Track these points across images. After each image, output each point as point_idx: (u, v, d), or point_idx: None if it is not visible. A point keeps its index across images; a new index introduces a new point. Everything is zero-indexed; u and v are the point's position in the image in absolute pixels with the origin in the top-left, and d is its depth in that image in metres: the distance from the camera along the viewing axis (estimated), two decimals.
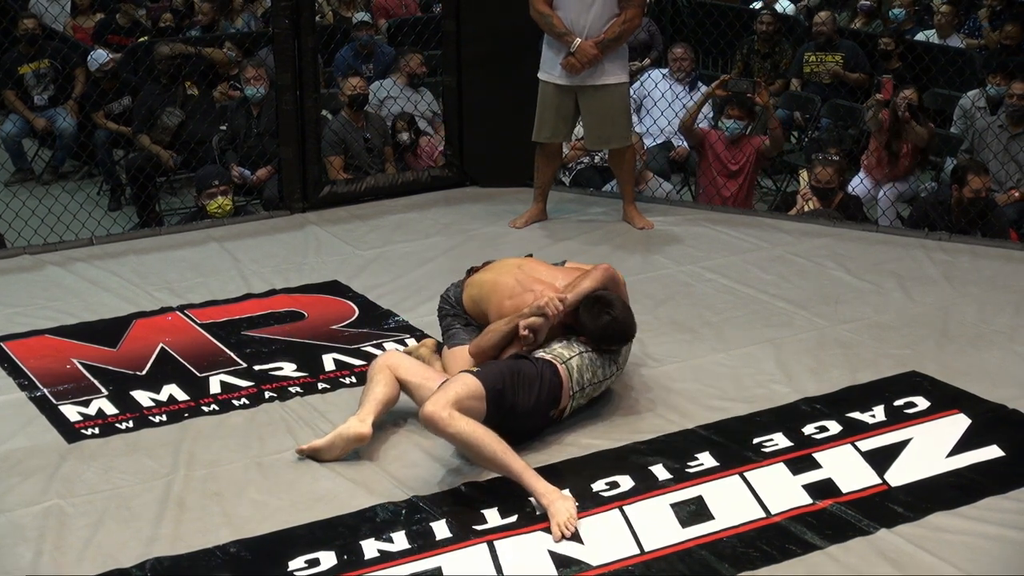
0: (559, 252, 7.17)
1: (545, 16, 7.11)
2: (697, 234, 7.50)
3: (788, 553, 4.11)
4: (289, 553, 4.18)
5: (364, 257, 7.18)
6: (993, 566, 4.02)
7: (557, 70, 7.20)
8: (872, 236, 7.40)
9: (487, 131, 8.39)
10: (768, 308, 6.28)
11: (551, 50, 7.22)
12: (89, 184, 10.17)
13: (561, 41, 7.10)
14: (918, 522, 4.29)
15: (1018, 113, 8.50)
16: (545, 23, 7.12)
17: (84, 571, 4.10)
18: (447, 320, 5.45)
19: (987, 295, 6.40)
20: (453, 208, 8.09)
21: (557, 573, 4.04)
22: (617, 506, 4.39)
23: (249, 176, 8.74)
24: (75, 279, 6.90)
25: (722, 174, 8.51)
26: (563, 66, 7.12)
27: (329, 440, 4.78)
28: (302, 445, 4.83)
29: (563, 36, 7.07)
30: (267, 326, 6.15)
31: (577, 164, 9.25)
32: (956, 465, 4.67)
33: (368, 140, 8.85)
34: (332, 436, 4.78)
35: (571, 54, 7.06)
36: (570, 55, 7.07)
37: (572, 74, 7.14)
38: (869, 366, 5.55)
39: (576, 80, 7.18)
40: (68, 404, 5.32)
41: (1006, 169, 8.36)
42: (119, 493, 4.61)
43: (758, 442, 4.84)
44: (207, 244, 7.47)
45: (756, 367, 5.51)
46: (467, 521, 4.34)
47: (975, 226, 7.43)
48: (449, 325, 5.42)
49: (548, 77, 7.29)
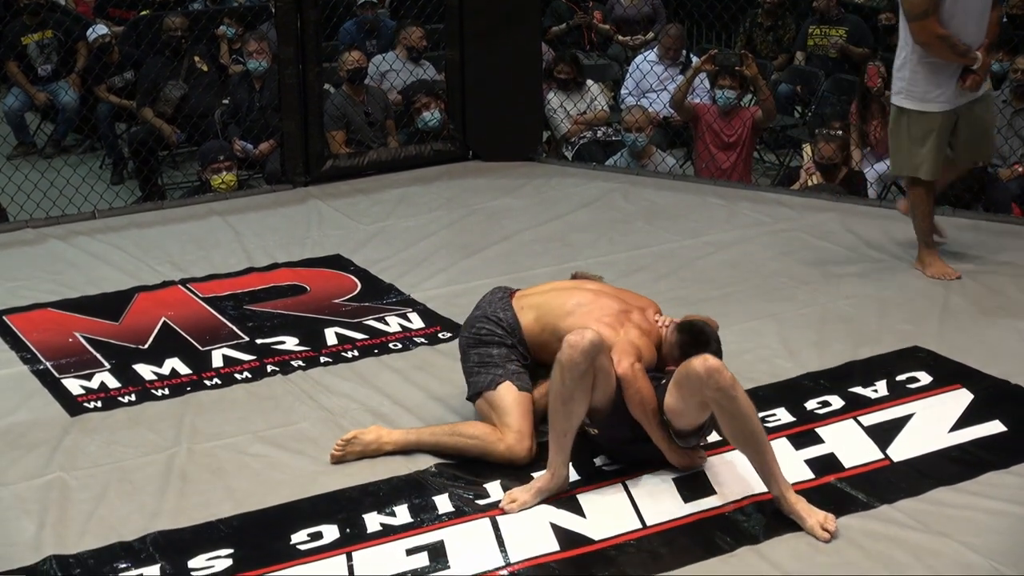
0: (562, 227, 7.18)
1: (947, 39, 6.03)
2: (699, 208, 7.50)
3: (790, 527, 4.11)
4: (292, 526, 4.18)
5: (366, 231, 7.18)
6: (995, 541, 4.02)
7: (946, 94, 6.16)
8: (875, 211, 7.39)
9: (490, 105, 8.37)
10: (770, 283, 6.28)
11: (935, 75, 6.15)
12: (91, 158, 10.16)
13: (963, 60, 6.09)
14: (920, 497, 4.29)
15: (1022, 88, 8.47)
16: (948, 45, 6.03)
17: (86, 544, 4.11)
18: (501, 352, 4.66)
19: (990, 270, 6.40)
20: (455, 182, 8.09)
21: (559, 547, 4.04)
22: (620, 481, 4.39)
23: (251, 150, 8.73)
24: (77, 253, 6.90)
25: (718, 146, 8.51)
26: (966, 87, 6.12)
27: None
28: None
29: (966, 54, 6.07)
30: (269, 300, 6.15)
31: (580, 139, 9.24)
32: (958, 440, 4.67)
33: (369, 114, 8.83)
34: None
35: (972, 71, 6.11)
36: (971, 72, 6.11)
37: (974, 92, 6.18)
38: (871, 341, 5.54)
39: (963, 99, 6.21)
40: (70, 377, 5.33)
41: (1009, 144, 8.33)
42: (121, 466, 4.61)
43: (760, 417, 4.81)
44: (209, 218, 7.47)
45: (758, 342, 5.51)
46: (470, 496, 4.34)
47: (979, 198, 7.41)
48: (513, 367, 4.64)
49: (934, 106, 6.17)
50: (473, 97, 8.42)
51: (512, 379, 4.59)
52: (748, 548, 4.02)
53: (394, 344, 5.64)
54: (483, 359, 4.67)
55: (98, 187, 8.36)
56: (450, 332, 5.71)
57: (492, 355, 4.66)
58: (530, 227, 7.19)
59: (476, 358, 4.70)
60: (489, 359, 4.65)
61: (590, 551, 4.04)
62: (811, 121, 9.83)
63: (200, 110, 9.04)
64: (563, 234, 7.07)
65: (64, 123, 10.44)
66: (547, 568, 3.94)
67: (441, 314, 5.93)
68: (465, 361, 4.76)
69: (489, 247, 6.89)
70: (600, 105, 9.49)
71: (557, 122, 9.27)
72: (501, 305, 4.77)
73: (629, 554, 4.02)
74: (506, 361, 4.63)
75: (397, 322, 5.86)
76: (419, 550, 4.05)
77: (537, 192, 7.88)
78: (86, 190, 8.01)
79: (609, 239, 6.94)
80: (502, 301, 4.79)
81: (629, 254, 6.63)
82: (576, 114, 9.30)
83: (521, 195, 7.82)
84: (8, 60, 10.33)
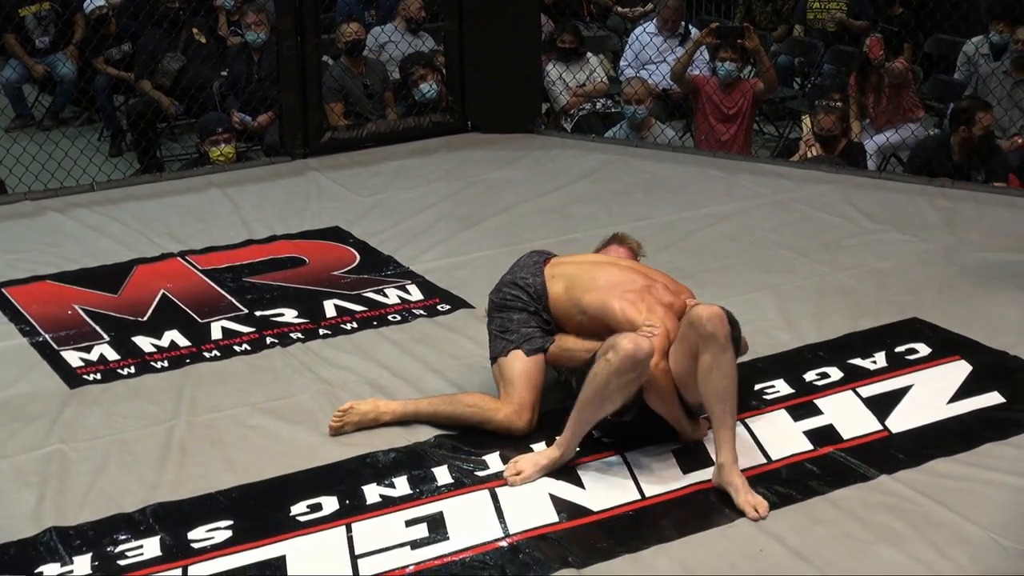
0: (561, 199, 7.18)
1: None
2: (698, 180, 7.49)
3: (788, 499, 4.12)
4: (291, 498, 4.19)
5: (365, 203, 7.17)
6: (993, 512, 4.03)
7: None
8: (874, 183, 7.39)
9: (489, 77, 8.36)
10: (769, 255, 6.28)
11: None
12: (89, 130, 10.15)
13: None
14: (918, 468, 4.29)
15: (1022, 59, 8.45)
16: None
17: (86, 516, 4.11)
18: (522, 317, 4.64)
19: (989, 241, 6.39)
20: (454, 154, 8.08)
21: (558, 518, 4.05)
22: (619, 453, 4.39)
23: (250, 122, 8.71)
24: (76, 225, 6.90)
25: (718, 118, 8.50)
26: None
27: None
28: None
29: None
30: (268, 272, 6.15)
31: (579, 111, 9.22)
32: (957, 411, 4.67)
33: (368, 86, 8.81)
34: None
35: None
36: None
37: None
38: (870, 313, 5.54)
39: None
40: (70, 350, 5.33)
41: (1009, 115, 8.32)
42: (121, 438, 4.62)
43: (759, 388, 4.84)
44: (208, 190, 7.47)
45: (757, 314, 5.50)
46: (469, 467, 4.35)
47: (979, 168, 7.41)
48: (528, 329, 4.62)
49: None
50: (472, 69, 8.40)
51: (524, 345, 4.58)
52: (747, 520, 4.02)
53: (393, 316, 5.64)
54: (503, 324, 4.66)
55: (96, 159, 8.34)
56: (449, 304, 5.72)
57: (512, 320, 4.64)
58: (529, 199, 7.18)
59: (498, 323, 4.68)
60: (509, 324, 4.64)
61: (589, 522, 4.04)
62: (810, 93, 9.81)
63: (198, 82, 9.03)
64: (562, 206, 7.07)
65: (62, 95, 10.42)
66: (546, 539, 3.95)
67: (440, 286, 5.93)
68: (489, 325, 4.75)
69: (488, 219, 6.88)
70: (599, 77, 9.47)
71: (556, 94, 9.26)
72: (533, 271, 4.73)
73: (628, 525, 4.03)
74: (523, 326, 4.62)
75: (396, 294, 5.86)
76: (418, 521, 4.05)
77: (536, 164, 7.87)
78: (84, 162, 8.00)
79: (608, 211, 6.93)
80: (535, 267, 4.74)
81: (628, 226, 6.57)
82: (575, 86, 9.28)
83: (520, 167, 7.81)
84: (6, 32, 10.32)
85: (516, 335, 4.61)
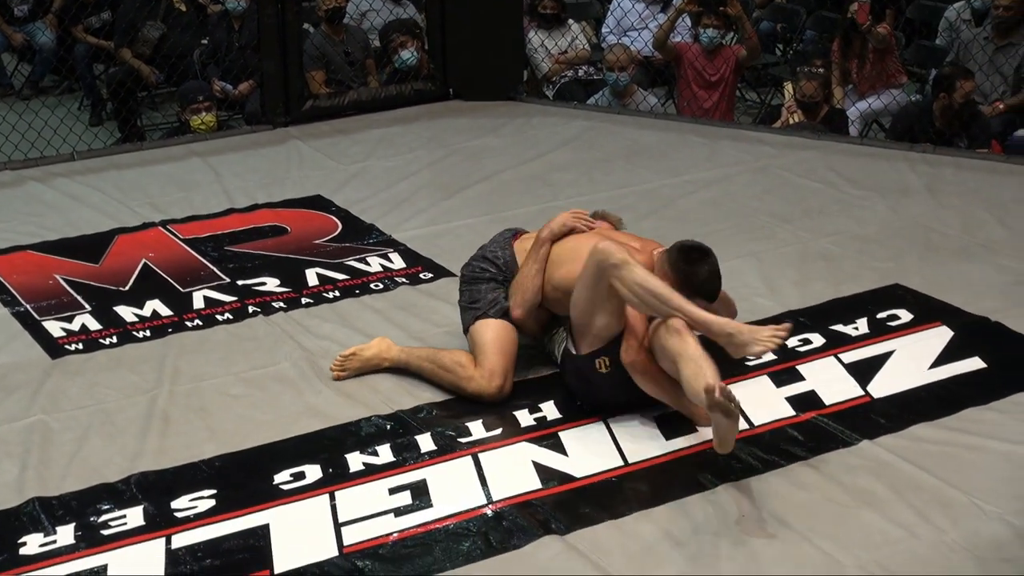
0: (543, 166, 7.17)
1: None
2: (681, 147, 7.49)
3: (771, 464, 4.13)
4: (274, 466, 4.19)
5: (347, 171, 7.16)
6: (974, 476, 4.05)
7: None
8: (856, 149, 7.39)
9: (470, 44, 8.33)
10: (751, 221, 6.28)
11: None
12: (70, 99, 10.09)
13: None
14: (900, 433, 4.31)
15: (1003, 24, 8.44)
16: None
17: (69, 486, 4.11)
18: (490, 286, 4.72)
19: (970, 207, 6.41)
20: (436, 122, 8.06)
21: (541, 484, 4.06)
22: (601, 419, 4.40)
23: (231, 90, 8.68)
24: (56, 194, 6.87)
25: (700, 85, 8.49)
26: None
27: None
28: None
29: None
30: (250, 241, 6.14)
31: (561, 78, 9.20)
32: (938, 377, 4.69)
33: (349, 54, 8.77)
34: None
35: None
36: None
37: None
38: (852, 279, 5.55)
39: None
40: (51, 320, 5.32)
41: (991, 81, 8.32)
42: (103, 408, 4.61)
43: None
44: (189, 159, 7.44)
45: (739, 280, 5.50)
46: (452, 434, 4.35)
47: (960, 135, 7.42)
48: (493, 295, 4.69)
49: None
50: (453, 36, 8.38)
51: (491, 311, 4.65)
52: (729, 485, 4.03)
53: (375, 284, 5.64)
54: (472, 296, 4.74)
55: (76, 128, 8.31)
56: (431, 272, 5.72)
57: (480, 291, 4.72)
58: (511, 167, 7.17)
59: (467, 296, 4.77)
60: (477, 295, 4.72)
61: (572, 488, 4.06)
62: (793, 59, 9.80)
63: (179, 50, 8.97)
64: (544, 173, 7.06)
65: (41, 64, 10.36)
66: (530, 505, 3.96)
67: (422, 254, 5.93)
68: (459, 300, 4.83)
69: (470, 187, 6.87)
70: (581, 44, 9.45)
71: (538, 61, 9.23)
72: (501, 244, 4.84)
73: (611, 491, 4.04)
74: (490, 293, 4.70)
75: (378, 262, 5.86)
76: (402, 489, 4.06)
77: (518, 131, 7.86)
78: (64, 131, 7.97)
79: (590, 178, 6.93)
80: (504, 241, 4.85)
81: (610, 193, 6.61)
82: (557, 53, 9.26)
83: (502, 134, 7.80)
84: None
85: (483, 302, 4.68)
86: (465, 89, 8.47)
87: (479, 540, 3.81)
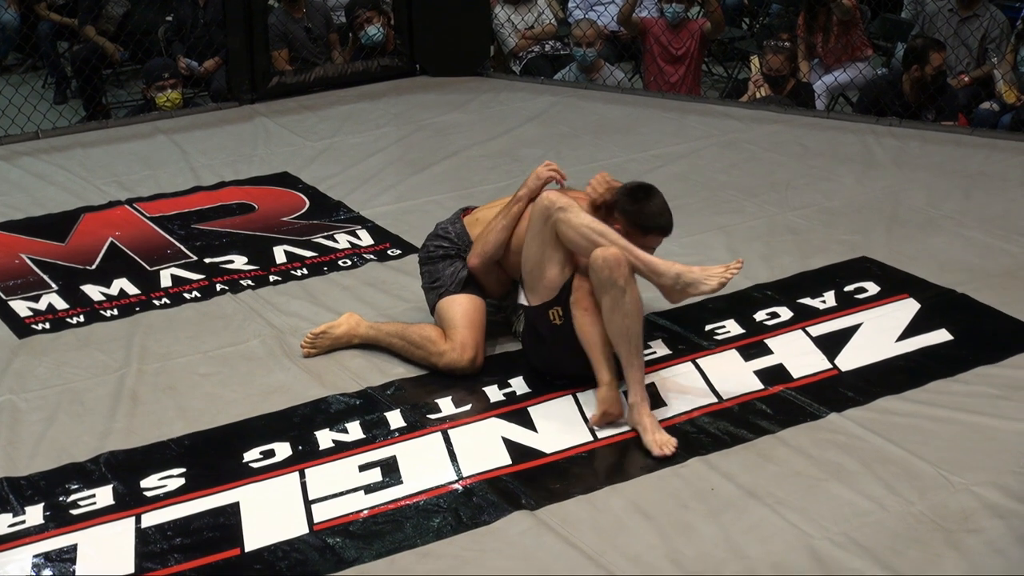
0: (511, 142, 7.17)
1: None
2: (648, 122, 7.49)
3: (739, 438, 4.15)
4: (244, 444, 4.19)
5: (314, 148, 7.14)
6: (942, 448, 4.07)
7: None
8: (822, 122, 7.41)
9: (437, 19, 8.31)
10: (719, 196, 6.29)
11: None
12: (33, 77, 10.02)
13: None
14: (867, 406, 4.33)
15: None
16: None
17: (38, 466, 4.10)
18: (446, 263, 4.74)
19: (936, 180, 6.43)
20: (403, 98, 8.04)
21: (511, 460, 4.07)
22: (570, 393, 4.41)
23: (196, 67, 8.63)
24: (21, 173, 6.83)
25: (666, 60, 8.49)
26: None
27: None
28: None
29: None
30: (217, 219, 6.12)
31: (528, 53, 9.18)
32: (905, 349, 4.71)
33: (310, 30, 8.73)
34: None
35: None
36: None
37: None
38: (819, 252, 5.57)
39: None
40: (18, 299, 5.29)
41: (956, 54, 8.34)
42: (72, 388, 4.60)
43: (710, 329, 4.87)
44: (155, 137, 7.41)
45: (707, 254, 5.52)
46: (421, 410, 4.35)
47: (928, 107, 7.44)
48: (451, 269, 4.72)
49: None
50: (420, 11, 8.35)
51: (453, 287, 4.68)
52: (698, 459, 4.05)
53: (343, 261, 5.63)
54: (432, 277, 4.77)
55: (41, 107, 8.25)
56: (399, 249, 5.71)
57: (438, 269, 4.75)
58: (478, 142, 7.17)
59: (427, 277, 4.80)
60: (437, 275, 4.74)
61: (542, 464, 4.06)
62: (758, 33, 9.81)
63: (143, 27, 8.93)
64: (512, 149, 7.06)
65: (4, 42, 10.27)
66: (500, 481, 3.97)
67: (390, 231, 5.92)
68: (422, 281, 4.86)
69: (438, 163, 6.86)
70: (548, 19, 9.43)
71: (505, 36, 9.21)
72: (452, 220, 4.88)
73: (581, 466, 4.05)
74: (449, 268, 4.72)
75: (346, 239, 5.85)
76: (372, 466, 4.06)
77: (485, 107, 7.85)
78: (29, 110, 7.90)
79: (558, 153, 6.92)
80: (454, 216, 4.89)
81: (578, 168, 6.59)
82: (524, 28, 9.24)
83: (469, 110, 7.79)
84: None
85: (444, 279, 4.71)
86: (432, 65, 8.45)
87: (449, 516, 3.82)
